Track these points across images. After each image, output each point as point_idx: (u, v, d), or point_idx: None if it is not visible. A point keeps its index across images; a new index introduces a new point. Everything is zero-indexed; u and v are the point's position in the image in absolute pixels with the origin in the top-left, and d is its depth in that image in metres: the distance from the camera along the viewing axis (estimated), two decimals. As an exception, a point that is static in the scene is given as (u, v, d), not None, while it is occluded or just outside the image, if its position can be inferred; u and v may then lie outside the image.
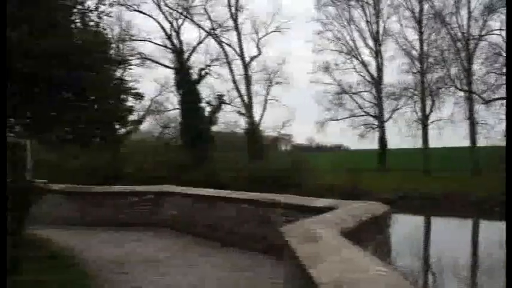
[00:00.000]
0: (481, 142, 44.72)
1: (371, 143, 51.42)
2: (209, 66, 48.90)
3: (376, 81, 49.74)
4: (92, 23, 8.00)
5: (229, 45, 48.83)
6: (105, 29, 8.69)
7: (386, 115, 50.17)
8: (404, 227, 25.55)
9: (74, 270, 7.36)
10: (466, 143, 45.26)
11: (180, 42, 47.97)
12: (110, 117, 9.33)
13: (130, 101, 11.52)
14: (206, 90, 49.02)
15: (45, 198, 12.81)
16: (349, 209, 5.61)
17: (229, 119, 50.41)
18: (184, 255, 9.12)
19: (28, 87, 6.92)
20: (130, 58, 47.91)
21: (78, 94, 7.69)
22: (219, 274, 7.64)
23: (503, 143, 33.15)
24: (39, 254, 7.62)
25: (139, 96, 11.49)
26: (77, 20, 7.81)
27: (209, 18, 48.01)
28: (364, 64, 50.84)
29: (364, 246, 5.39)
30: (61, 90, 7.59)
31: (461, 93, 45.38)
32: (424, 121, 47.43)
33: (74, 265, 7.68)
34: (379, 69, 50.03)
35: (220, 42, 48.62)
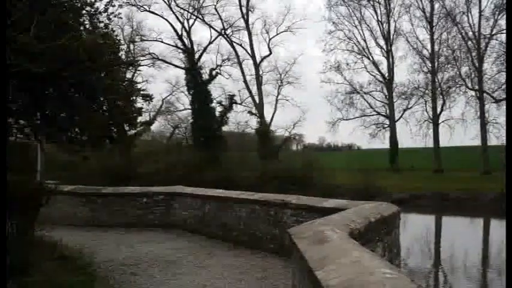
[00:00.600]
0: (492, 141, 44.32)
1: (382, 143, 51.25)
2: (220, 66, 48.94)
3: (387, 81, 49.46)
4: (101, 25, 8.01)
5: (240, 45, 48.84)
6: (114, 31, 8.69)
7: (397, 114, 49.93)
8: (417, 226, 25.43)
9: (84, 272, 7.36)
10: (477, 142, 44.82)
11: (191, 42, 48.01)
12: (119, 119, 9.33)
13: (140, 102, 11.54)
14: (217, 90, 49.10)
15: (56, 199, 12.96)
16: (358, 210, 5.58)
17: (240, 119, 50.38)
18: (196, 256, 9.09)
19: (39, 87, 6.94)
20: (141, 59, 48.25)
21: (89, 96, 7.67)
22: (231, 275, 7.60)
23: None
24: (49, 255, 7.62)
25: (148, 98, 11.53)
26: (86, 22, 7.81)
27: (220, 18, 47.98)
28: (375, 64, 50.66)
29: (373, 247, 5.36)
30: (71, 91, 7.60)
31: (472, 93, 45.15)
32: (434, 120, 47.09)
33: (84, 267, 7.68)
34: (390, 68, 49.67)
35: (231, 42, 48.61)
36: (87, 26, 7.74)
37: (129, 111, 9.63)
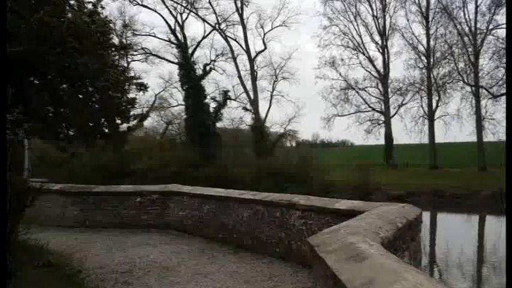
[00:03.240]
0: (488, 137, 44.06)
1: (377, 139, 50.89)
2: (214, 61, 48.55)
3: (383, 77, 49.13)
4: (89, 6, 7.22)
5: (234, 40, 48.32)
6: (103, 7, 7.82)
7: (392, 110, 49.57)
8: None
9: (72, 281, 6.65)
10: (473, 138, 44.56)
11: (184, 37, 47.55)
12: (111, 111, 8.54)
13: (133, 93, 10.66)
14: (211, 86, 48.92)
15: (44, 199, 12.22)
16: (382, 214, 4.93)
17: (235, 115, 50.02)
18: (195, 261, 8.31)
19: (19, 75, 6.17)
20: (133, 49, 47.52)
21: (76, 84, 6.90)
22: (235, 285, 6.86)
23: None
24: (34, 261, 6.91)
25: (143, 87, 10.64)
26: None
27: (214, 12, 47.46)
28: (371, 59, 50.33)
29: (401, 255, 4.74)
30: (57, 80, 6.81)
31: (468, 89, 44.82)
32: (430, 116, 46.77)
33: (72, 275, 6.97)
34: (386, 64, 49.37)
35: (225, 37, 48.08)
36: (73, 3, 6.96)
37: (121, 102, 8.80)
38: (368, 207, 6.05)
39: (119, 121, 12.57)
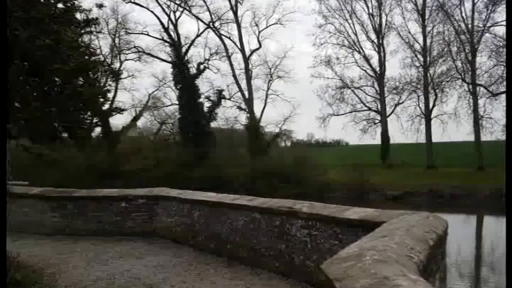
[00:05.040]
0: (486, 137, 43.57)
1: (372, 138, 50.34)
2: (208, 60, 48.11)
3: (379, 75, 48.66)
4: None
5: (229, 38, 47.74)
6: None
7: (388, 110, 49.18)
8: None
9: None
10: (470, 138, 44.10)
11: (178, 35, 47.04)
12: (71, 102, 7.42)
13: (109, 82, 9.38)
14: (205, 85, 48.49)
15: (22, 204, 11.27)
16: (408, 228, 4.04)
17: (229, 115, 49.51)
18: (183, 277, 7.23)
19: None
20: (126, 52, 46.64)
21: (22, 65, 5.76)
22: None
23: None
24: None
25: (114, 73, 9.35)
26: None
27: (208, 9, 46.93)
28: (366, 58, 49.76)
29: (433, 281, 3.87)
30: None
31: (465, 87, 44.32)
32: (427, 115, 46.08)
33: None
34: (382, 63, 48.86)
35: (219, 35, 47.53)
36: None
37: (90, 90, 7.60)
38: (384, 217, 5.14)
39: (88, 115, 11.10)
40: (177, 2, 46.21)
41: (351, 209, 5.96)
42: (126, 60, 49.44)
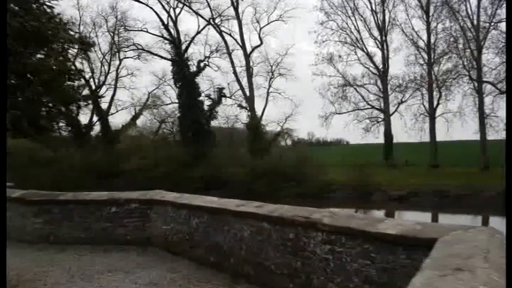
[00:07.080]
0: (492, 135, 42.62)
1: (375, 137, 49.43)
2: (208, 57, 47.34)
3: (382, 73, 47.78)
4: None
5: (229, 34, 46.90)
6: None
7: (392, 108, 48.31)
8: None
9: None
10: (476, 136, 43.23)
11: (178, 32, 46.31)
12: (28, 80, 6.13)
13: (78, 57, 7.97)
14: (205, 83, 47.65)
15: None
16: (481, 253, 3.08)
17: (230, 113, 48.78)
18: None
19: None
20: (125, 50, 45.84)
21: None
22: None
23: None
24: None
25: (85, 45, 7.92)
26: None
27: (208, 6, 46.06)
28: (369, 55, 48.88)
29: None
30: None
31: (471, 85, 43.31)
32: (431, 114, 45.20)
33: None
34: (385, 60, 48.01)
35: (220, 32, 46.70)
36: None
37: (63, 71, 6.31)
38: (430, 232, 4.10)
39: (60, 101, 9.47)
40: (177, -1, 45.43)
41: (386, 221, 4.90)
42: (125, 58, 48.79)
